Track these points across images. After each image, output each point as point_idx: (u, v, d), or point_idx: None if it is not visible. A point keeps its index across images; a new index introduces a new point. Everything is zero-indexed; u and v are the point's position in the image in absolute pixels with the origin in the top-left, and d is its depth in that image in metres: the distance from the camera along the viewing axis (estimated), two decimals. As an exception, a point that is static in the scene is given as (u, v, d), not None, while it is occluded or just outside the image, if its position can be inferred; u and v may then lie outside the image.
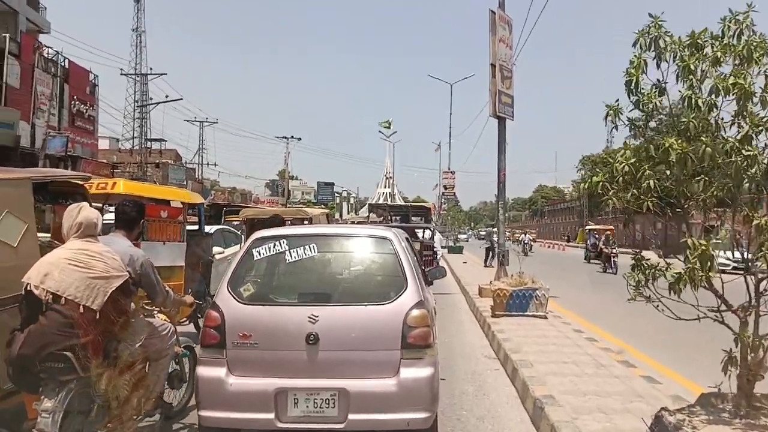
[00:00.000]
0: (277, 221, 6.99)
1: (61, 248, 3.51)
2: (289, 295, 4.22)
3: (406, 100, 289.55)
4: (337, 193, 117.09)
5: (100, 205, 5.45)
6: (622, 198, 3.94)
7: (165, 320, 4.41)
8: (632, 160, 3.93)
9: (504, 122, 12.79)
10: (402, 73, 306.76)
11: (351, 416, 3.67)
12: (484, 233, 50.74)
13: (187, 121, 58.34)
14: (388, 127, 67.45)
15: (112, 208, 5.68)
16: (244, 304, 3.93)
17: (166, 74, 55.90)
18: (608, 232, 27.08)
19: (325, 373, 3.75)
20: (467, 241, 61.19)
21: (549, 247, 46.09)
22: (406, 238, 5.15)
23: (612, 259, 23.68)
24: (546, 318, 9.53)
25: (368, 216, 23.83)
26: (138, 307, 4.04)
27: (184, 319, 7.02)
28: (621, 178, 3.93)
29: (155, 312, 4.35)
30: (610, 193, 4.00)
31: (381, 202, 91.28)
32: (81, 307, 3.27)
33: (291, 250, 4.12)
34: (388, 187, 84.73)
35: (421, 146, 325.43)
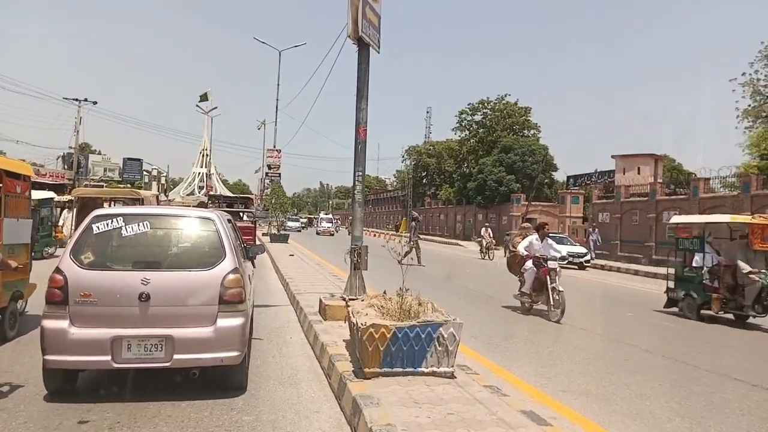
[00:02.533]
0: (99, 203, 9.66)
1: None
2: (124, 263, 5.03)
3: (228, 72, 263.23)
4: (146, 171, 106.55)
5: None
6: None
7: None
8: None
9: (367, 51, 8.48)
10: (226, 40, 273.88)
11: (176, 356, 4.74)
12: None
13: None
14: (207, 99, 59.77)
15: None
16: (85, 269, 4.83)
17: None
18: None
19: (155, 324, 4.75)
20: (300, 230, 58.24)
21: (375, 236, 43.69)
22: (228, 220, 6.17)
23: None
24: (455, 379, 5.37)
25: (207, 204, 26.97)
26: None
27: None
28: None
29: None
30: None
31: (198, 183, 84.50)
32: None
33: (127, 226, 5.08)
34: (205, 166, 76.78)
35: (244, 124, 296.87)
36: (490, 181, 50.88)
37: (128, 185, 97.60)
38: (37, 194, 17.15)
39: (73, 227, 13.00)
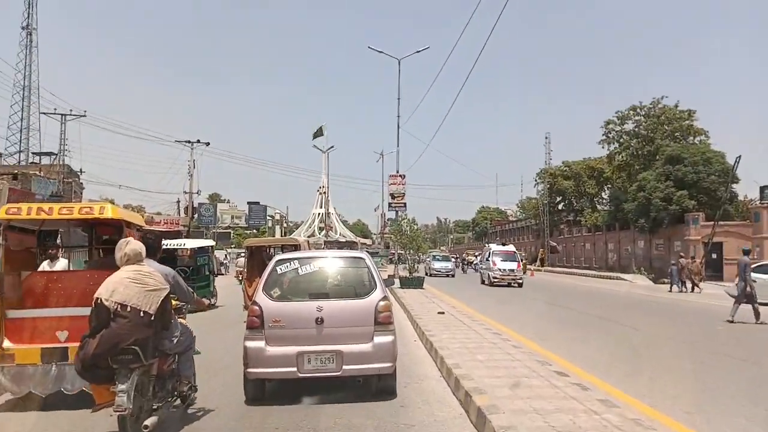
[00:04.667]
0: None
1: (121, 271, 4.79)
2: (302, 295, 6.30)
3: (340, 103, 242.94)
4: (270, 216, 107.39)
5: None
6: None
7: (187, 324, 5.71)
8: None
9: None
10: (332, 72, 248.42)
11: (345, 367, 5.92)
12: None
13: (44, 113, 47.08)
14: (322, 134, 56.34)
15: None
16: (275, 301, 6.11)
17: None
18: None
19: (327, 342, 5.91)
20: (453, 275, 39.00)
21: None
22: (370, 256, 7.49)
23: None
24: None
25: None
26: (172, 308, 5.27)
27: None
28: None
29: (180, 318, 5.61)
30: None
31: (318, 224, 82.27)
32: (141, 312, 4.61)
33: (301, 267, 6.45)
34: (323, 206, 73.80)
35: (361, 153, 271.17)
36: (656, 199, 41.84)
37: (254, 231, 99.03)
38: (192, 243, 18.64)
39: (245, 270, 14.03)
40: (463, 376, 6.55)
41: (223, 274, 34.38)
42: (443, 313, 13.13)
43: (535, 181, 73.02)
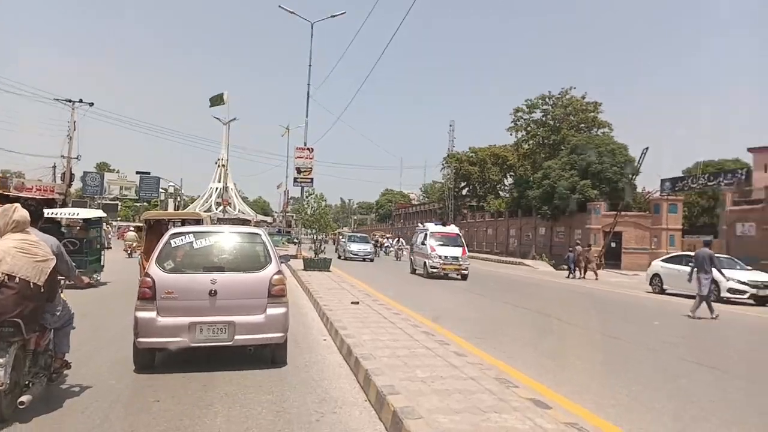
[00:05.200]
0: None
1: (6, 239, 4.47)
2: (196, 268, 6.34)
3: (246, 70, 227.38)
4: (162, 189, 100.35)
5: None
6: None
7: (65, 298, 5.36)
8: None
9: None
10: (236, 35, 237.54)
11: (237, 337, 6.12)
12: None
13: None
14: (222, 102, 52.05)
15: None
16: (168, 273, 6.16)
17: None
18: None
19: (220, 313, 6.09)
20: (372, 259, 33.56)
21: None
22: (269, 233, 10.52)
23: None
24: None
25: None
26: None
27: None
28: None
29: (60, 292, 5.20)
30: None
31: (215, 199, 77.60)
32: (31, 283, 4.39)
33: (196, 241, 6.55)
34: (221, 180, 69.34)
35: (266, 125, 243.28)
36: (560, 187, 42.13)
37: (146, 203, 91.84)
38: (85, 213, 16.97)
39: (142, 244, 13.87)
40: (407, 413, 4.37)
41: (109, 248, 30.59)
42: (358, 303, 10.94)
43: (442, 165, 72.70)
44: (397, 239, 43.74)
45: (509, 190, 65.50)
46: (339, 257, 32.73)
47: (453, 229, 24.26)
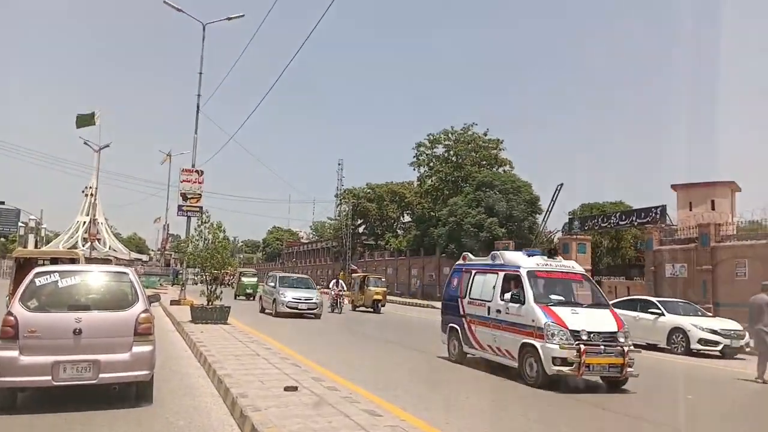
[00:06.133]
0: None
1: None
2: (61, 307, 6.42)
3: (125, 83, 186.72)
4: (23, 222, 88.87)
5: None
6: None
7: None
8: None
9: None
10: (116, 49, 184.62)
11: (102, 375, 6.17)
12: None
13: None
14: (93, 123, 45.79)
15: None
16: (31, 311, 6.20)
17: None
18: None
19: (85, 352, 6.13)
20: (252, 297, 30.27)
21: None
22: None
23: None
24: None
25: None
26: None
27: None
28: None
29: None
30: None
31: (82, 234, 69.21)
32: None
33: (62, 280, 6.60)
34: (89, 213, 61.67)
35: (145, 156, 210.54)
36: (467, 225, 40.54)
37: (2, 239, 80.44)
38: None
39: (11, 284, 12.57)
40: None
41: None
42: (296, 388, 7.15)
43: (339, 201, 69.80)
44: (335, 281, 28.57)
45: (408, 227, 63.85)
46: (262, 311, 23.25)
47: (575, 267, 10.86)
